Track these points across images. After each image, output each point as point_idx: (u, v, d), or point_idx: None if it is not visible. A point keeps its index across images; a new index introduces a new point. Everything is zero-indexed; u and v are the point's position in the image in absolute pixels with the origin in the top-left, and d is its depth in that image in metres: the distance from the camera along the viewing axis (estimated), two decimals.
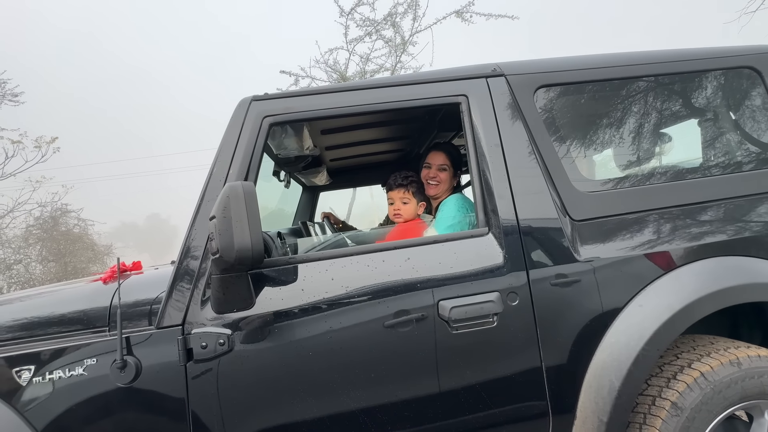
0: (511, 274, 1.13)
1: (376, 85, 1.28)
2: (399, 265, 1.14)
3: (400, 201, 1.57)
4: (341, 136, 2.06)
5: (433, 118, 1.93)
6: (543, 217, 1.19)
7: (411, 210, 1.58)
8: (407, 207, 1.57)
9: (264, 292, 1.09)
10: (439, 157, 1.65)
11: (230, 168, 1.17)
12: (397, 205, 1.57)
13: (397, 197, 1.58)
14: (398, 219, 1.57)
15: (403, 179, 1.58)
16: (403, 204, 1.57)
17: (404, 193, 1.57)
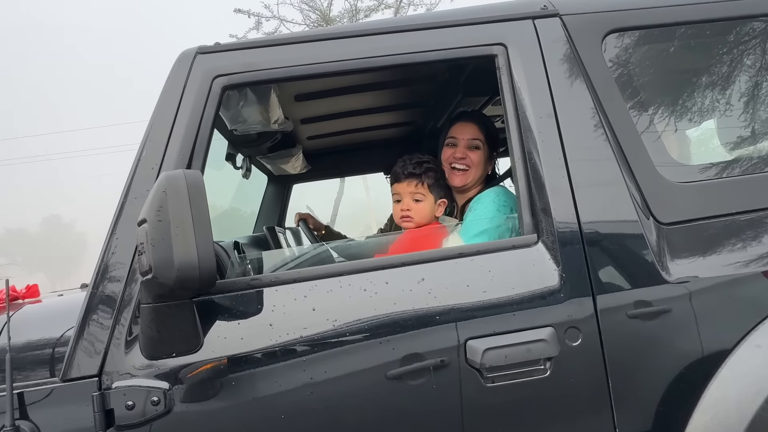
0: (570, 301, 1.13)
1: (373, 30, 1.28)
2: (409, 288, 1.14)
3: (411, 198, 1.52)
4: (324, 104, 2.07)
5: (456, 78, 1.94)
6: (616, 218, 1.19)
7: (426, 210, 1.53)
8: (421, 206, 1.52)
9: (216, 328, 1.09)
10: (469, 129, 1.62)
11: (166, 150, 1.18)
12: (406, 204, 1.53)
13: (407, 192, 1.53)
14: (407, 224, 1.53)
15: (416, 166, 1.53)
16: (414, 202, 1.53)
17: (416, 186, 1.52)
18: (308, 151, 2.78)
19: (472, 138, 1.61)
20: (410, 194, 1.52)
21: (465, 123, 1.64)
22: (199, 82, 1.21)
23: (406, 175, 1.53)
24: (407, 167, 1.53)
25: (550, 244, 1.18)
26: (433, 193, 1.54)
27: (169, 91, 1.22)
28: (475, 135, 1.62)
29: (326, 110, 2.16)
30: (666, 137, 1.30)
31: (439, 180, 1.56)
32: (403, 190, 1.54)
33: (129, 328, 1.09)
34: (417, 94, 2.16)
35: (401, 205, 1.54)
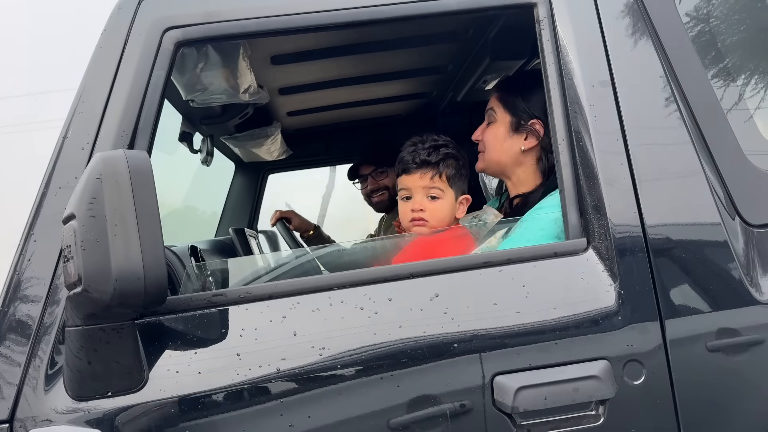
0: (630, 327, 1.13)
1: None
2: (419, 307, 1.13)
3: (425, 194, 1.48)
4: (309, 68, 2.06)
5: (482, 35, 1.94)
6: (691, 220, 1.19)
7: (445, 211, 1.49)
8: (438, 206, 1.48)
9: (165, 359, 1.08)
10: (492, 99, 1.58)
11: (101, 125, 1.17)
12: (418, 202, 1.49)
13: (419, 187, 1.48)
14: (420, 228, 1.49)
15: (431, 152, 1.49)
16: (429, 200, 1.49)
17: (433, 178, 1.48)
18: (289, 132, 2.79)
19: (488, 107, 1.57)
20: (424, 189, 1.48)
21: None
22: (145, 35, 1.21)
23: (419, 164, 1.48)
24: (419, 153, 1.48)
25: (603, 251, 1.17)
26: (454, 188, 1.50)
27: (104, 49, 1.21)
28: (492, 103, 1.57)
29: (312, 77, 2.16)
30: (759, 116, 1.30)
31: (461, 170, 1.52)
32: (414, 185, 1.49)
33: (50, 359, 1.08)
34: (431, 58, 2.15)
35: (411, 203, 1.50)
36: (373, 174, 2.69)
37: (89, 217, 0.92)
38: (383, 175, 2.68)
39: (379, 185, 2.68)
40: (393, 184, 2.60)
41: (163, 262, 0.94)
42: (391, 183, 2.66)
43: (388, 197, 2.68)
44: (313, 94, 2.35)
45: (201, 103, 1.84)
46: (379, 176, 2.69)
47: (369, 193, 2.71)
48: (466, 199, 1.54)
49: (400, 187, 1.54)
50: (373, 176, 2.69)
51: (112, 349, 1.01)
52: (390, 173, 2.66)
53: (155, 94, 1.20)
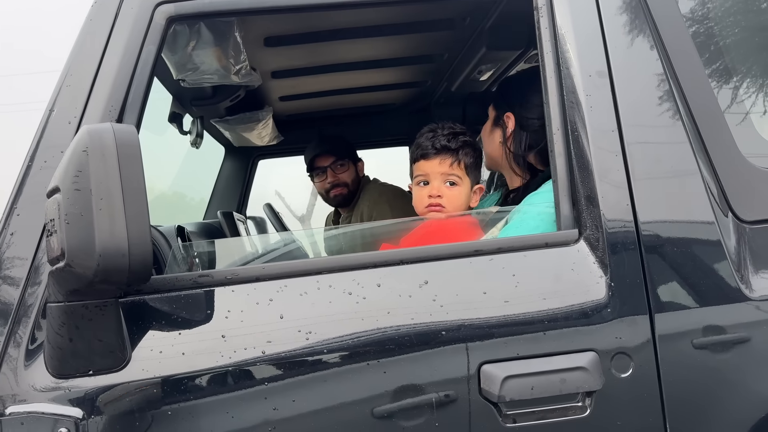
0: (620, 320, 1.13)
1: None
2: (408, 293, 1.13)
3: (443, 180, 1.49)
4: (303, 52, 2.04)
5: (478, 24, 1.92)
6: (684, 215, 1.19)
7: (461, 198, 1.50)
8: (455, 193, 1.49)
9: (148, 338, 1.07)
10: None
11: (89, 99, 1.15)
12: (436, 188, 1.49)
13: (438, 173, 1.48)
14: (437, 215, 1.49)
15: (451, 138, 1.49)
16: (448, 186, 1.49)
17: (452, 165, 1.48)
18: (280, 117, 2.76)
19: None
20: (443, 176, 1.48)
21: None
22: (136, 9, 1.20)
23: (439, 149, 1.47)
24: (439, 139, 1.48)
25: (595, 243, 1.17)
26: (470, 176, 1.50)
27: (94, 22, 1.19)
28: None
29: (306, 61, 2.14)
30: (757, 114, 1.30)
31: (477, 159, 1.52)
32: (433, 170, 1.48)
33: (30, 335, 1.07)
34: (427, 45, 2.14)
35: (429, 189, 1.49)
36: (332, 166, 2.56)
37: (74, 191, 0.90)
38: (343, 168, 2.56)
39: (339, 180, 2.55)
40: (352, 179, 2.55)
41: (148, 238, 0.92)
42: (349, 178, 2.55)
43: (347, 192, 2.56)
44: (306, 79, 2.32)
45: (192, 83, 1.81)
46: (338, 169, 2.56)
47: (328, 187, 2.56)
48: (480, 188, 1.55)
49: (417, 173, 1.53)
50: (332, 168, 2.56)
51: (94, 326, 1.00)
52: (350, 167, 2.58)
53: (145, 69, 1.18)
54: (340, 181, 2.56)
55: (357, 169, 2.63)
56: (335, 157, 2.56)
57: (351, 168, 2.57)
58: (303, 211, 7.10)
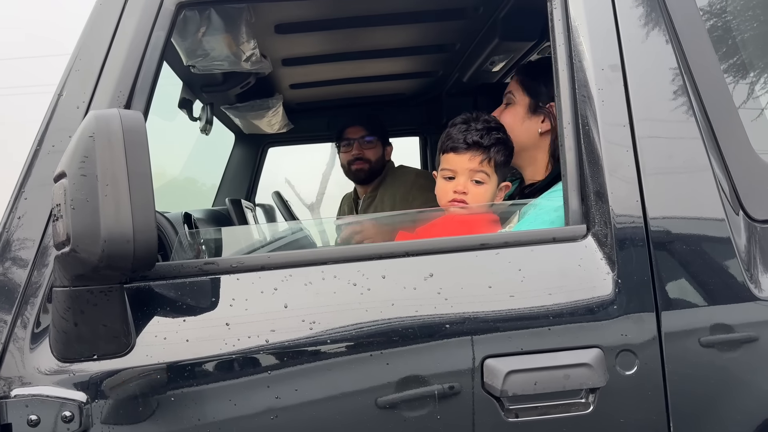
0: (626, 317, 1.12)
1: None
2: (413, 285, 1.12)
3: (470, 177, 1.46)
4: (315, 40, 2.03)
5: (491, 14, 1.90)
6: (695, 212, 1.17)
7: (486, 197, 1.45)
8: (481, 191, 1.45)
9: (153, 325, 1.07)
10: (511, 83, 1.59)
11: (98, 84, 1.15)
12: (462, 184, 1.44)
13: (466, 169, 1.44)
14: (456, 208, 1.47)
15: (484, 134, 1.44)
16: (474, 184, 1.46)
17: (482, 162, 1.43)
18: (290, 105, 2.76)
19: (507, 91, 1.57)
20: (470, 173, 1.44)
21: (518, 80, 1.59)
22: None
23: (470, 144, 1.43)
24: (472, 134, 1.44)
25: (603, 239, 1.16)
26: (499, 175, 1.47)
27: (104, 5, 1.19)
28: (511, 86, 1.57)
29: (317, 49, 2.13)
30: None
31: (508, 157, 1.48)
32: (460, 166, 1.45)
33: (36, 319, 1.07)
34: (439, 35, 2.12)
35: (455, 184, 1.46)
36: (360, 140, 2.54)
37: (80, 176, 0.90)
38: (370, 144, 2.54)
39: (363, 154, 2.53)
40: (377, 158, 2.53)
41: (153, 225, 0.92)
42: (374, 156, 2.53)
43: (368, 169, 2.54)
44: (317, 67, 2.31)
45: (202, 70, 1.81)
46: (365, 144, 2.54)
47: (350, 159, 2.55)
48: (506, 185, 1.52)
49: (444, 167, 1.50)
50: (359, 142, 2.54)
51: (99, 311, 1.00)
52: (377, 146, 2.56)
53: (154, 54, 1.18)
54: (364, 156, 2.53)
55: (384, 151, 2.60)
56: (366, 132, 2.54)
57: (378, 147, 2.54)
58: (312, 199, 7.11)
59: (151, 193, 0.93)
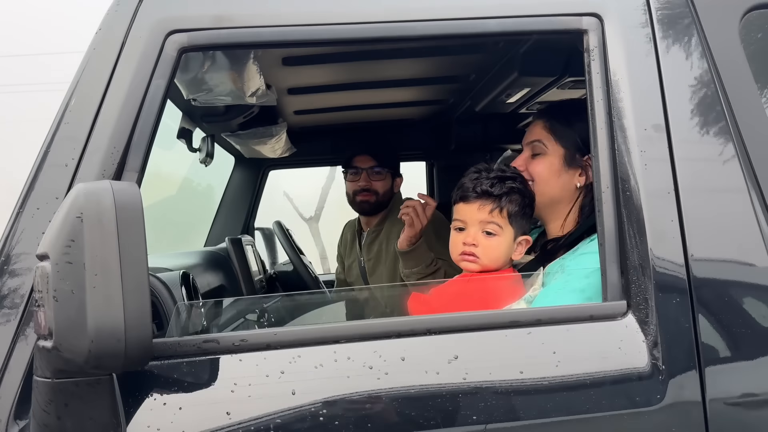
0: (671, 406, 1.02)
1: None
2: (435, 370, 1.01)
3: (481, 228, 1.35)
4: (322, 72, 1.94)
5: (512, 48, 1.81)
6: (748, 291, 1.08)
7: (500, 250, 1.36)
8: (493, 244, 1.35)
9: (146, 413, 0.96)
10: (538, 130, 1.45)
11: (89, 138, 1.05)
12: (472, 236, 1.35)
13: (476, 220, 1.35)
14: (470, 264, 1.37)
15: (495, 183, 1.34)
16: (485, 236, 1.35)
17: (492, 212, 1.34)
18: (294, 129, 2.66)
19: (532, 140, 1.45)
20: (481, 224, 1.35)
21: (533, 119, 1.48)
22: (145, 38, 1.09)
23: (479, 193, 1.34)
24: (482, 182, 1.35)
25: (644, 318, 1.07)
26: (514, 226, 1.36)
27: (98, 50, 1.08)
28: (537, 135, 1.45)
29: (324, 79, 2.03)
30: None
31: (525, 208, 1.37)
32: (470, 216, 1.36)
33: (12, 408, 0.96)
34: (453, 67, 2.03)
35: (464, 236, 1.36)
36: (369, 170, 2.38)
37: (65, 263, 0.79)
38: (379, 176, 2.39)
39: (371, 185, 2.37)
40: (384, 191, 2.38)
41: (148, 321, 0.81)
42: (382, 188, 2.38)
43: (374, 201, 2.38)
44: (324, 95, 2.21)
45: (204, 103, 1.71)
46: (374, 175, 2.38)
47: (356, 189, 2.39)
48: (526, 240, 1.40)
49: (455, 217, 1.40)
50: (368, 172, 2.38)
51: (85, 404, 0.89)
52: (386, 178, 2.43)
53: (153, 105, 1.07)
54: (372, 188, 2.37)
55: (393, 183, 2.44)
56: (375, 162, 2.38)
57: (387, 179, 2.38)
58: (311, 213, 7.00)
59: (147, 282, 0.82)
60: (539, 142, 1.43)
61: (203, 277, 1.73)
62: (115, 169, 1.04)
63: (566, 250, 1.40)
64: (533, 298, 1.28)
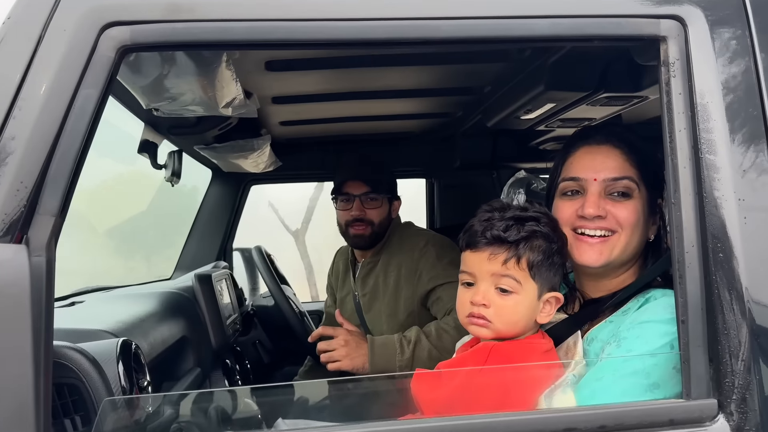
0: None
1: None
2: None
3: (492, 283, 1.07)
4: (312, 78, 1.66)
5: (540, 58, 1.56)
6: None
7: (519, 312, 1.08)
8: (510, 303, 1.07)
9: None
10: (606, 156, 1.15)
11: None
12: (481, 294, 1.07)
13: (487, 273, 1.07)
14: (480, 330, 1.08)
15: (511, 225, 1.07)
16: (498, 294, 1.07)
17: (506, 263, 1.06)
18: (280, 140, 2.38)
19: (616, 176, 1.12)
20: (493, 278, 1.06)
21: (596, 146, 1.16)
22: (71, 32, 0.82)
23: (489, 239, 1.06)
24: (494, 224, 1.07)
25: (741, 422, 0.84)
26: (537, 281, 1.07)
27: (3, 49, 0.80)
28: (621, 169, 1.13)
29: (316, 88, 1.76)
30: None
31: (552, 256, 1.09)
32: (479, 269, 1.08)
33: None
34: (466, 78, 1.77)
35: (473, 293, 1.08)
36: (362, 197, 2.04)
37: None
38: (375, 203, 2.05)
39: (365, 215, 2.04)
40: (381, 219, 2.06)
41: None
42: (378, 217, 2.05)
43: (369, 234, 2.05)
44: (314, 105, 1.94)
45: (168, 114, 1.42)
46: (369, 203, 2.05)
47: (349, 220, 2.06)
48: (556, 298, 1.10)
49: (462, 269, 1.10)
50: (361, 200, 2.04)
51: None
52: (383, 205, 2.10)
53: (80, 124, 0.80)
54: (366, 218, 2.04)
55: (391, 208, 2.12)
56: (370, 188, 2.04)
57: (384, 206, 2.04)
58: (297, 225, 6.68)
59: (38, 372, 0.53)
60: (629, 180, 1.11)
61: (160, 329, 1.43)
62: (23, 212, 0.76)
63: (612, 311, 1.12)
64: (578, 378, 1.00)
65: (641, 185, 1.11)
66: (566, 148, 1.21)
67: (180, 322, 1.58)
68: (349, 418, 0.95)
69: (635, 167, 1.11)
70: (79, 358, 0.90)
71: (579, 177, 1.13)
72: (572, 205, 1.13)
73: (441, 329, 1.75)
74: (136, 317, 1.38)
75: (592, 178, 1.11)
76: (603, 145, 1.14)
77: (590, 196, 1.11)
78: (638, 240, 1.12)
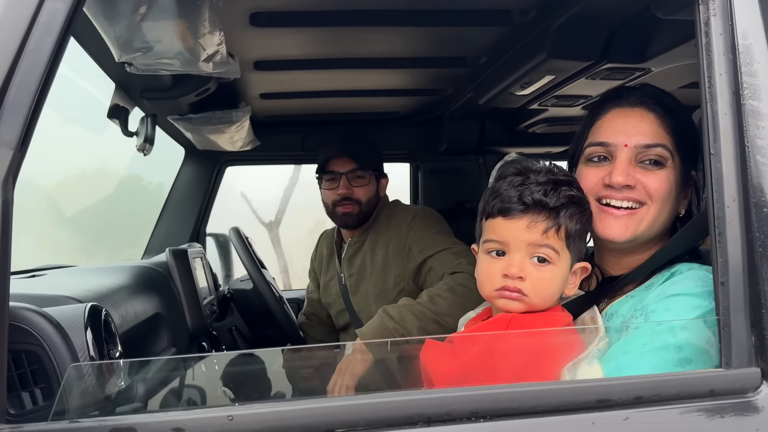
0: None
1: None
2: None
3: (529, 254, 1.00)
4: (299, 38, 1.57)
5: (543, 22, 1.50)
6: None
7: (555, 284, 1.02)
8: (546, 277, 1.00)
9: None
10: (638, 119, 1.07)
11: None
12: (517, 264, 1.00)
13: (524, 242, 1.00)
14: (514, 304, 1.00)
15: (550, 190, 1.00)
16: (536, 265, 1.00)
17: (547, 232, 0.99)
18: (259, 117, 2.28)
19: (649, 143, 1.04)
20: (530, 247, 0.99)
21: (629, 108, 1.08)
22: None
23: (529, 205, 0.99)
24: (531, 189, 0.99)
25: None
26: (572, 252, 1.02)
27: None
28: (655, 135, 1.05)
29: (301, 51, 1.66)
30: None
31: (585, 224, 1.04)
32: (515, 237, 1.00)
33: None
34: (463, 45, 1.69)
35: (507, 264, 1.00)
36: (349, 175, 1.99)
37: None
38: (362, 181, 2.01)
39: (352, 193, 2.00)
40: (368, 197, 1.99)
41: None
42: (366, 195, 2.00)
43: (357, 212, 2.00)
44: (298, 74, 1.85)
45: (143, 70, 1.32)
46: (355, 181, 2.00)
47: (336, 199, 2.01)
48: (583, 268, 1.04)
49: (489, 237, 1.02)
50: (348, 177, 1.99)
51: None
52: (371, 182, 2.03)
53: (45, 42, 0.70)
54: (353, 197, 1.98)
55: (378, 186, 2.06)
56: (356, 165, 1.98)
57: (372, 184, 1.99)
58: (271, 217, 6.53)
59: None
60: (663, 148, 1.04)
61: (132, 302, 1.30)
62: None
63: (634, 286, 1.05)
64: (602, 352, 0.93)
65: (675, 154, 1.04)
66: (595, 109, 1.13)
67: (153, 298, 1.46)
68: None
69: (670, 134, 1.04)
70: (40, 321, 0.79)
71: (608, 142, 1.05)
72: (598, 172, 1.06)
73: (433, 294, 1.66)
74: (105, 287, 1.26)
75: (622, 143, 1.04)
76: (636, 107, 1.06)
77: (619, 163, 1.03)
78: (668, 214, 1.05)
